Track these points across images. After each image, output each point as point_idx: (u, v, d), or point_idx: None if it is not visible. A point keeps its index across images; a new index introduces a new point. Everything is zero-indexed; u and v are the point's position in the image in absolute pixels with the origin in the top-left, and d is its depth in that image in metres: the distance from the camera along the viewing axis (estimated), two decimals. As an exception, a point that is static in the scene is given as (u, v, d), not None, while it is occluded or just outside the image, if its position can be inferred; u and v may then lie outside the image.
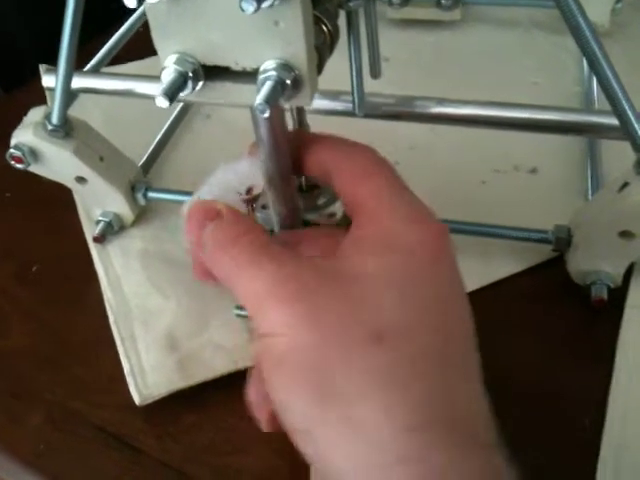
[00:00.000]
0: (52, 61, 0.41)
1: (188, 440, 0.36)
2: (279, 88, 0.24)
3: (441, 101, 0.40)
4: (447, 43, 0.63)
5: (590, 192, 0.45)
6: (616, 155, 0.45)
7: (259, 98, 0.23)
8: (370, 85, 0.36)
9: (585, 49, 0.31)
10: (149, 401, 0.37)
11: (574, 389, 0.36)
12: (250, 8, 0.21)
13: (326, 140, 0.29)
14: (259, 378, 0.28)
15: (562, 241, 0.39)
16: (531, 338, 0.39)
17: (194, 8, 0.23)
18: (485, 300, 0.40)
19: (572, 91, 0.55)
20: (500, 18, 0.64)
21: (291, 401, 0.23)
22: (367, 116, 0.39)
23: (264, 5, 0.22)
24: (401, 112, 0.41)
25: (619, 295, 0.39)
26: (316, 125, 0.39)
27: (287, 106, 0.27)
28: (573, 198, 0.46)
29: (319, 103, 0.38)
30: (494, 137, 0.42)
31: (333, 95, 0.38)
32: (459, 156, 0.51)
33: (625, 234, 0.36)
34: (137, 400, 0.37)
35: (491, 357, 0.36)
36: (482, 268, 0.43)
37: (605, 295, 0.38)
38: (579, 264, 0.39)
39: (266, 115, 0.23)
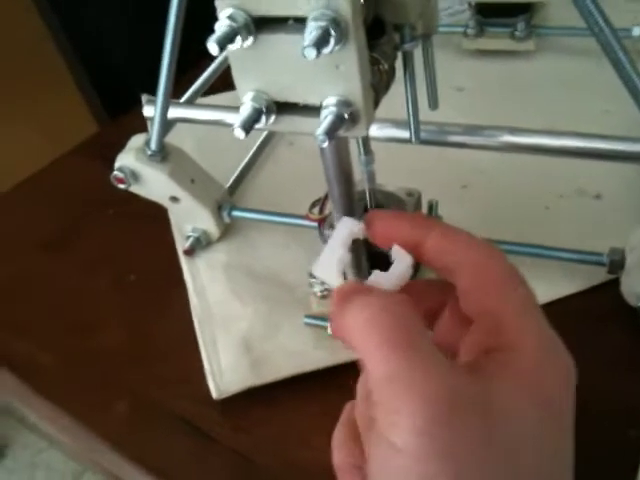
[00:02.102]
0: (155, 89, 0.46)
1: (258, 433, 0.40)
2: (338, 121, 0.27)
3: (508, 130, 0.42)
4: (521, 72, 0.65)
5: (652, 218, 0.46)
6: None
7: (319, 130, 0.27)
8: (443, 112, 0.39)
9: (625, 80, 0.33)
10: (225, 396, 0.41)
11: (622, 403, 0.38)
12: (312, 54, 0.25)
13: (460, 236, 0.27)
14: (353, 439, 0.27)
15: (616, 263, 0.41)
16: (584, 355, 0.40)
17: (268, 54, 0.28)
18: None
19: (642, 120, 0.56)
20: (573, 48, 0.65)
21: None
22: (432, 143, 0.43)
23: (325, 51, 0.25)
24: (468, 141, 0.43)
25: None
26: (391, 151, 0.42)
27: (346, 136, 0.30)
28: (636, 224, 0.47)
29: (381, 132, 0.42)
30: (560, 162, 0.44)
31: (396, 123, 0.42)
32: (526, 181, 0.53)
33: (676, 258, 0.38)
34: (215, 395, 0.41)
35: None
36: (540, 288, 0.44)
37: (657, 316, 0.40)
38: (632, 286, 0.40)
39: (325, 145, 0.27)
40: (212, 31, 0.27)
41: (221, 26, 0.27)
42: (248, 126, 0.29)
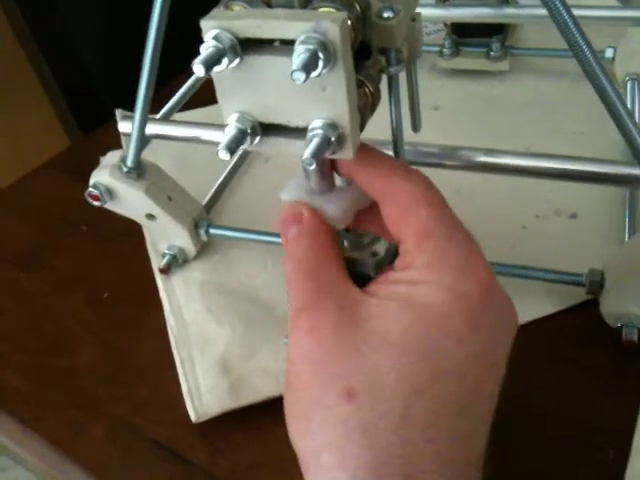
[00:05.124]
0: (128, 103, 0.45)
1: (236, 456, 0.39)
2: (325, 144, 0.27)
3: (486, 152, 0.42)
4: (495, 92, 0.66)
5: (627, 238, 0.47)
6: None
7: (307, 153, 0.27)
8: (420, 131, 0.39)
9: (608, 106, 0.33)
10: (203, 419, 0.41)
11: (601, 422, 0.38)
12: (301, 78, 0.25)
13: (382, 164, 0.30)
14: None
15: (595, 284, 0.41)
16: (563, 374, 0.41)
17: (254, 76, 0.27)
18: (519, 338, 0.42)
19: (615, 140, 0.57)
20: (547, 69, 0.66)
21: (290, 429, 0.27)
22: (410, 164, 0.43)
23: (312, 75, 0.25)
24: (445, 162, 0.44)
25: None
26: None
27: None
28: (611, 244, 0.48)
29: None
30: (536, 182, 0.44)
31: (378, 144, 0.42)
32: (502, 200, 0.53)
33: (654, 279, 0.38)
34: (193, 418, 0.41)
35: (524, 390, 0.39)
36: (519, 307, 0.45)
37: (635, 337, 0.40)
38: (611, 306, 0.41)
39: (312, 168, 0.27)
40: (188, 46, 0.27)
41: (207, 47, 0.26)
42: (233, 147, 0.28)
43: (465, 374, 0.25)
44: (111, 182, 0.46)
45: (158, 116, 0.54)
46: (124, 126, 0.51)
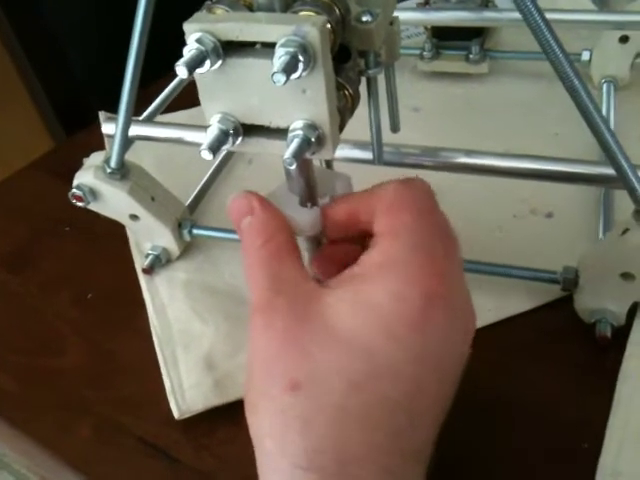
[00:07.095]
0: (111, 104, 0.45)
1: (221, 452, 0.40)
2: (305, 144, 0.28)
3: (465, 153, 0.43)
4: (475, 95, 0.67)
5: (602, 236, 0.48)
6: (629, 202, 0.48)
7: (287, 153, 0.27)
8: (400, 133, 0.40)
9: (581, 107, 0.34)
10: (186, 415, 0.41)
11: (576, 416, 0.39)
12: (281, 80, 0.25)
13: (379, 185, 0.32)
14: None
15: (569, 281, 0.42)
16: (540, 369, 0.42)
17: (235, 78, 0.28)
18: (498, 334, 0.44)
19: (591, 141, 0.58)
20: (526, 71, 0.67)
21: (246, 417, 0.29)
22: (391, 164, 0.44)
23: (293, 77, 0.26)
24: (425, 162, 0.45)
25: (623, 333, 0.42)
26: (343, 170, 0.43)
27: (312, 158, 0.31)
28: (587, 242, 0.49)
29: (344, 152, 0.43)
30: (514, 183, 0.45)
31: (358, 145, 0.43)
32: (480, 201, 0.54)
33: (626, 275, 0.39)
34: (176, 414, 0.41)
35: (501, 384, 0.40)
36: (497, 304, 0.46)
37: (609, 333, 0.41)
38: (585, 303, 0.42)
39: (293, 167, 0.28)
40: (171, 48, 0.27)
41: (190, 50, 0.27)
42: (215, 147, 0.29)
43: (402, 374, 0.27)
44: (95, 183, 0.47)
45: (141, 118, 0.54)
46: (108, 128, 0.52)
